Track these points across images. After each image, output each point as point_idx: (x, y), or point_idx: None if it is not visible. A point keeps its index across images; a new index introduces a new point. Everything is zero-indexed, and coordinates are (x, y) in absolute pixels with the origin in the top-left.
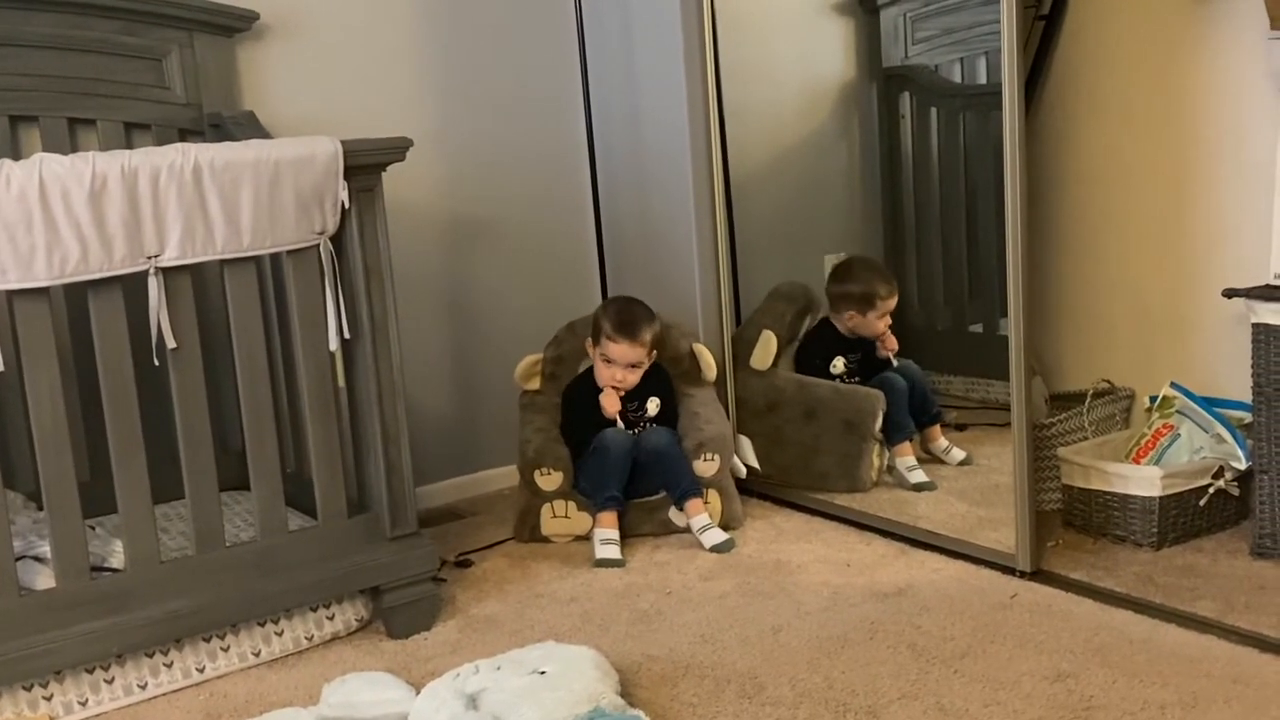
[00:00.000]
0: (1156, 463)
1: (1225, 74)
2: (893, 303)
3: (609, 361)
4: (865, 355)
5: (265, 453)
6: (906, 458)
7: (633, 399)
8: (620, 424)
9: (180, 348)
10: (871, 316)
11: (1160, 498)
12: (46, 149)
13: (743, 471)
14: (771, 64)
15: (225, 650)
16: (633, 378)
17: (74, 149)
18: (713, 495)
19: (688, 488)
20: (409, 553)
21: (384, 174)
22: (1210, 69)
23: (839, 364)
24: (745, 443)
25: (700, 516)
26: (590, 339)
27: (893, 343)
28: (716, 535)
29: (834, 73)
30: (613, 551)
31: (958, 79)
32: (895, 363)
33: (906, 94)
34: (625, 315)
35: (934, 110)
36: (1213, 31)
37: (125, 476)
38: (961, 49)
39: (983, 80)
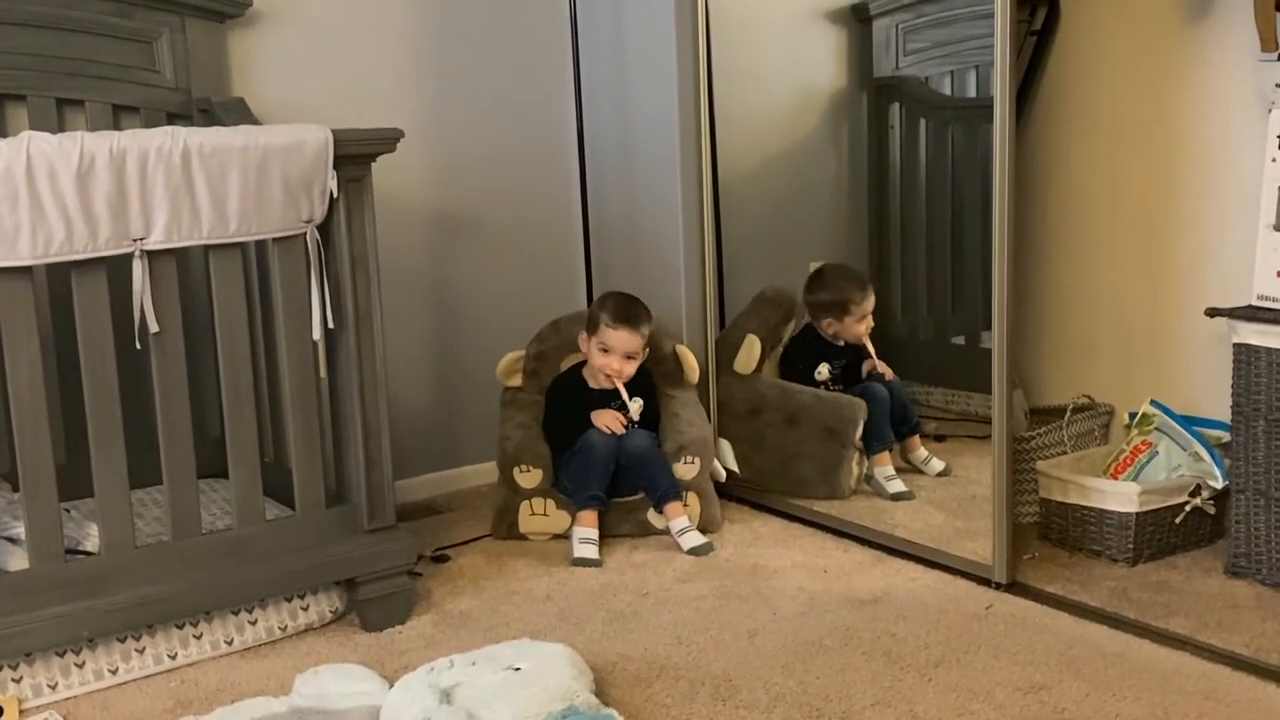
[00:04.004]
0: (1134, 479)
1: (1214, 94)
2: (869, 304)
3: (606, 350)
4: (850, 362)
5: (244, 440)
6: (885, 467)
7: (617, 398)
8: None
9: (163, 332)
10: (849, 321)
11: (1137, 514)
12: (34, 129)
13: (722, 475)
14: (763, 70)
15: (198, 638)
16: (629, 369)
17: (61, 129)
18: (691, 498)
19: (667, 490)
20: (386, 546)
21: (373, 165)
22: (1199, 88)
23: (824, 370)
24: (725, 447)
25: (679, 519)
26: (585, 331)
27: (884, 367)
28: (695, 538)
29: (825, 81)
30: (590, 551)
31: (947, 91)
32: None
33: (896, 104)
34: (625, 306)
35: (923, 121)
36: (1203, 51)
37: (103, 460)
38: (952, 62)
39: (972, 93)
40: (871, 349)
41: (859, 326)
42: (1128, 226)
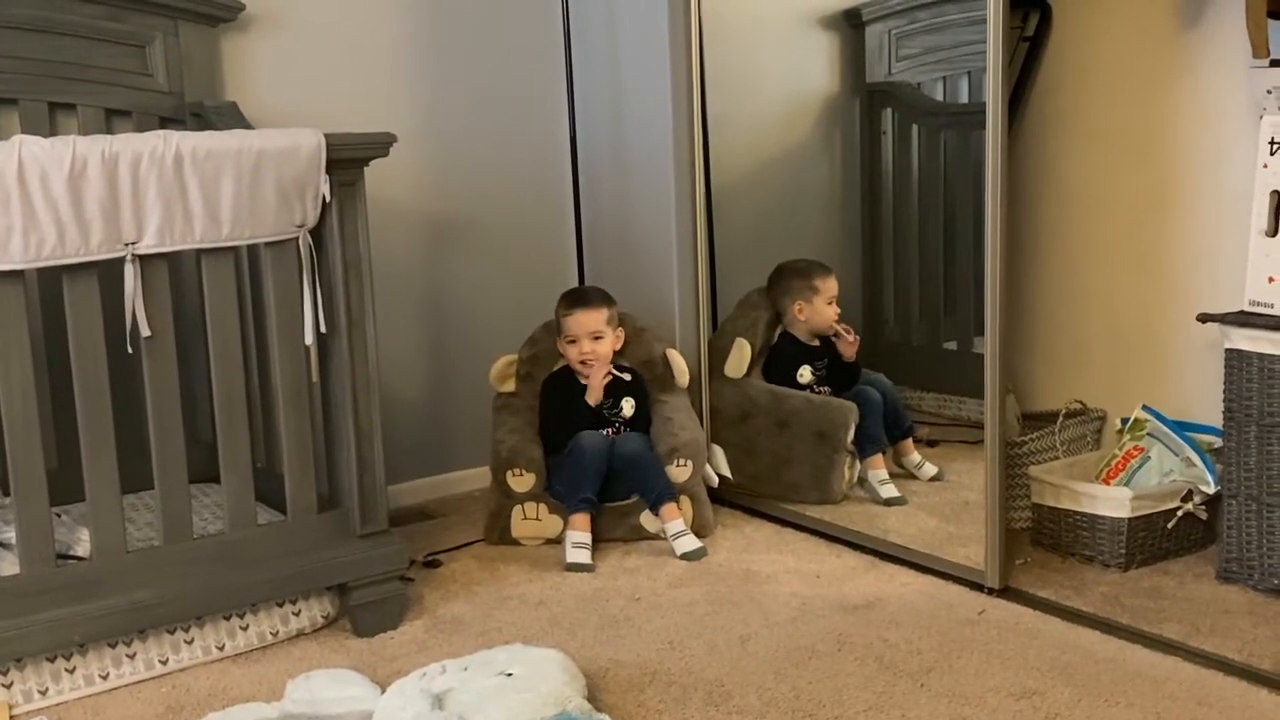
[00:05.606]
0: (1126, 484)
1: (1206, 100)
2: (833, 285)
3: (573, 341)
4: (832, 363)
5: (236, 445)
6: (879, 470)
7: (608, 397)
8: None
9: (154, 336)
10: (819, 303)
11: (1129, 519)
12: (26, 132)
13: (714, 480)
14: (756, 76)
15: (189, 643)
16: (601, 348)
17: (53, 133)
18: (684, 502)
19: (663, 492)
20: (378, 551)
21: (366, 169)
22: (1192, 95)
23: (806, 373)
24: (718, 452)
25: (675, 522)
26: (557, 337)
27: (849, 348)
28: (689, 543)
29: (817, 87)
30: (583, 556)
31: (940, 97)
32: (863, 374)
33: (889, 110)
34: (575, 291)
35: (915, 127)
36: (1195, 57)
37: (94, 464)
38: (945, 68)
39: (964, 99)
40: (839, 327)
41: (829, 310)
42: (1120, 231)
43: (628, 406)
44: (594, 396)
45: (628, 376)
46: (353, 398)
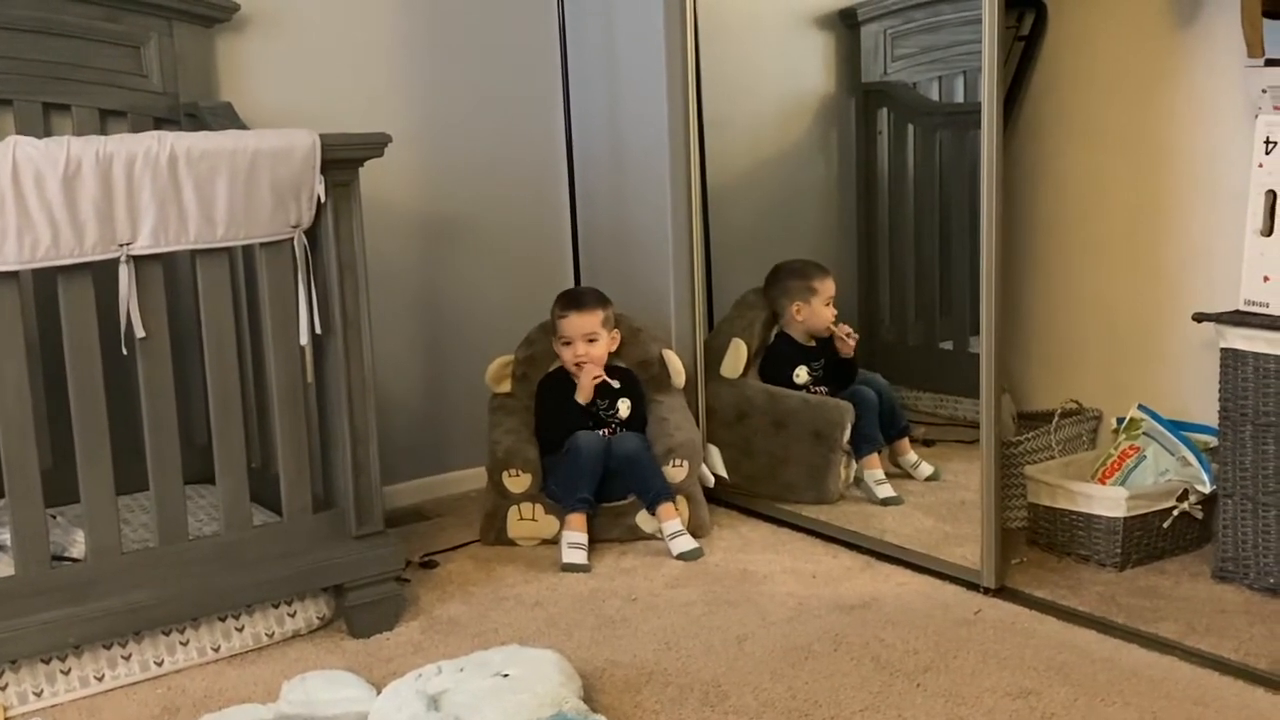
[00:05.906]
0: (1122, 484)
1: (1202, 99)
2: (831, 286)
3: (567, 343)
4: (829, 363)
5: (231, 446)
6: (875, 470)
7: (604, 398)
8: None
9: (149, 337)
10: (817, 304)
11: (1125, 519)
12: (20, 134)
13: (711, 481)
14: (752, 76)
15: (185, 644)
16: (595, 350)
17: (48, 134)
18: (680, 502)
19: (660, 491)
20: (373, 551)
21: (361, 169)
22: (1187, 94)
23: (802, 374)
24: (714, 452)
25: (672, 521)
26: (553, 338)
27: (846, 346)
28: (686, 543)
29: (813, 86)
30: (579, 556)
31: (935, 97)
32: (859, 374)
33: (884, 110)
34: (570, 292)
35: (911, 127)
36: (1190, 57)
37: (89, 466)
38: (940, 67)
39: (960, 99)
40: (835, 329)
41: (827, 311)
42: (1115, 231)
43: (624, 407)
44: (583, 395)
45: (616, 383)
46: (348, 398)
